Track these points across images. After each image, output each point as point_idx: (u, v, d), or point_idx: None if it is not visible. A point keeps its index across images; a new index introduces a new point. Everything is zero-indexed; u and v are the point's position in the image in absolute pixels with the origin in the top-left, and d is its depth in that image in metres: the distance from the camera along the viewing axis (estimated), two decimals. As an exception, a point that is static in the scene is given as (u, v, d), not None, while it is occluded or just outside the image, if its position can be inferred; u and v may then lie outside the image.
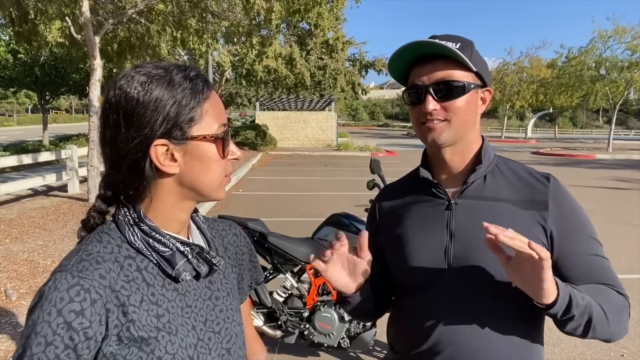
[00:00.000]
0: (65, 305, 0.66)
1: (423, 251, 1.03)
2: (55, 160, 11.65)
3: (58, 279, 0.68)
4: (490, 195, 1.01)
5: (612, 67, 22.78)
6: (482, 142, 1.06)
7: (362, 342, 2.97)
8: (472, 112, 1.00)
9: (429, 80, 0.97)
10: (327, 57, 22.38)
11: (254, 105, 27.93)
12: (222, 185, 0.81)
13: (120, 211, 0.78)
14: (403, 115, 76.52)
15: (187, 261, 0.78)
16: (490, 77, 1.06)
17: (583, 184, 11.62)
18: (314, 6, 8.98)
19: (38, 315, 0.66)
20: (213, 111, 0.77)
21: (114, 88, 0.74)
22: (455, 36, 1.01)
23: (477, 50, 1.02)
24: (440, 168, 1.06)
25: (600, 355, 3.34)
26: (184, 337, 0.77)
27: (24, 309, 3.62)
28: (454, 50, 0.94)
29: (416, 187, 1.10)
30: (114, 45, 10.19)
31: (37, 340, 0.65)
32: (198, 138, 0.75)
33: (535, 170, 1.06)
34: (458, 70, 0.97)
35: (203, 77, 0.79)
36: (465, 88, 0.97)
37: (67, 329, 0.66)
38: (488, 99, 1.04)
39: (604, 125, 63.13)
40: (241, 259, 0.98)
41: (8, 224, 6.31)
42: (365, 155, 18.88)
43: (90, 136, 7.86)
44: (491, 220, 0.96)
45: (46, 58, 19.97)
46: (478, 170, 1.01)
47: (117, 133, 0.73)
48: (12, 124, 46.29)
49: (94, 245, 0.74)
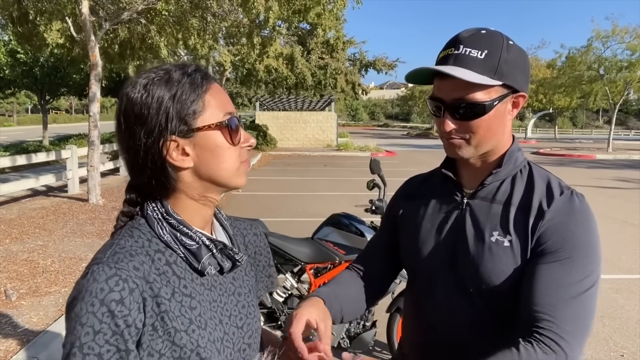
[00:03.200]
0: (106, 296, 0.69)
1: (428, 245, 1.05)
2: (55, 161, 11.66)
3: (96, 271, 0.70)
4: (501, 199, 1.00)
5: (611, 67, 22.78)
6: (510, 146, 1.02)
7: (362, 342, 2.97)
8: (496, 125, 0.95)
9: (447, 97, 0.93)
10: (327, 56, 22.39)
11: (254, 105, 27.93)
12: (239, 172, 0.82)
13: (148, 207, 0.80)
14: (403, 115, 76.53)
15: (212, 255, 0.81)
16: (527, 76, 0.97)
17: (583, 184, 11.62)
18: (315, 6, 8.98)
19: (81, 307, 0.68)
20: (216, 101, 0.79)
21: (121, 96, 0.78)
22: (484, 38, 0.92)
23: (512, 47, 0.93)
24: (464, 167, 1.06)
25: (600, 355, 3.34)
26: (212, 331, 0.80)
27: (24, 309, 3.62)
28: (465, 77, 0.88)
29: (439, 182, 1.11)
30: (114, 46, 10.18)
31: (85, 330, 0.68)
32: (203, 128, 0.77)
33: (558, 182, 0.99)
34: (480, 88, 0.90)
35: (202, 71, 0.81)
36: (486, 108, 0.91)
37: (111, 317, 0.68)
38: (521, 103, 0.97)
39: (604, 126, 63.15)
40: (259, 259, 1.01)
41: (8, 224, 6.31)
42: (365, 156, 18.88)
43: (90, 136, 7.86)
44: (493, 224, 0.98)
45: (46, 58, 19.97)
46: (495, 173, 1.00)
47: (131, 137, 0.77)
48: (12, 124, 46.29)
49: (126, 239, 0.76)
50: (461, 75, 0.88)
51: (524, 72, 0.96)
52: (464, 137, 0.96)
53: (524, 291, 0.91)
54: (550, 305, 0.86)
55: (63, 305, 3.71)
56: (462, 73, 0.89)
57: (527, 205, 0.96)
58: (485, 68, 0.90)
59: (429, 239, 1.06)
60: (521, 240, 0.94)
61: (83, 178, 8.92)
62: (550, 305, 0.86)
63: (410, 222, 1.12)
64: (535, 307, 0.88)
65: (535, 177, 1.01)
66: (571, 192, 0.96)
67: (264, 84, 22.16)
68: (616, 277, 4.92)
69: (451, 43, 0.95)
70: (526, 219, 0.95)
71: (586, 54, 23.37)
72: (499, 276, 0.94)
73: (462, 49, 0.91)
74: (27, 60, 19.83)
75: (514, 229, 0.95)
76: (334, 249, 3.00)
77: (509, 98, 0.95)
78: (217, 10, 9.07)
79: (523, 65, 0.95)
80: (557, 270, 0.89)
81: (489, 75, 0.90)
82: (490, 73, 0.90)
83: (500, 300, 0.97)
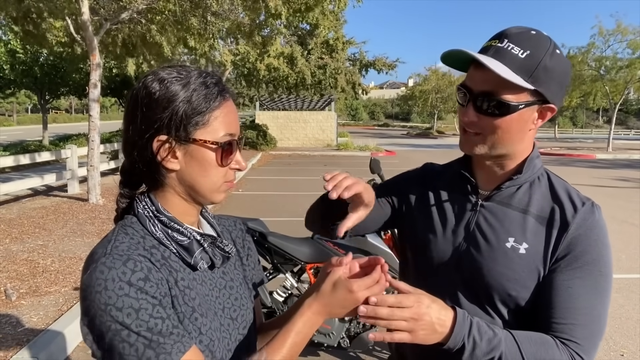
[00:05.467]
0: (131, 277, 0.70)
1: (437, 243, 1.04)
2: (55, 160, 11.66)
3: (107, 261, 0.71)
4: (517, 205, 0.98)
5: (611, 66, 22.76)
6: (530, 152, 0.99)
7: (362, 342, 2.97)
8: (517, 130, 0.92)
9: (476, 87, 0.91)
10: (327, 56, 22.37)
11: (254, 105, 27.92)
12: (220, 190, 0.84)
13: (139, 205, 0.82)
14: (403, 115, 76.52)
15: (203, 250, 0.83)
16: (563, 89, 0.93)
17: (583, 183, 11.62)
18: (315, 5, 8.97)
19: (109, 296, 0.68)
20: (222, 120, 0.80)
21: (140, 81, 0.79)
22: (531, 38, 0.89)
23: (556, 55, 0.89)
24: (480, 168, 1.04)
25: (600, 355, 3.34)
26: (211, 320, 0.82)
27: (24, 309, 3.62)
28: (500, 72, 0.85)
29: (454, 178, 1.08)
30: (116, 45, 10.17)
31: (125, 313, 0.68)
32: (199, 142, 0.78)
33: (577, 192, 0.98)
34: (511, 87, 0.86)
35: (222, 85, 0.82)
36: (510, 108, 0.88)
37: (145, 293, 0.70)
38: (548, 116, 0.94)
39: (604, 125, 63.13)
40: (246, 253, 1.03)
41: (8, 223, 6.31)
42: (365, 155, 18.87)
43: (90, 136, 7.86)
44: (508, 229, 0.96)
45: (45, 58, 19.96)
46: (515, 179, 0.98)
47: (130, 123, 0.79)
48: (12, 124, 46.27)
49: (122, 236, 0.77)
50: (494, 67, 0.85)
51: (561, 84, 0.92)
52: (482, 133, 0.93)
53: (544, 302, 0.92)
54: (570, 323, 0.89)
55: (63, 305, 3.71)
56: (496, 65, 0.85)
57: (550, 215, 0.95)
58: (522, 68, 0.86)
59: (438, 238, 1.04)
60: (540, 250, 0.93)
61: (83, 178, 8.93)
62: (570, 321, 0.89)
63: (422, 213, 1.10)
64: (555, 321, 0.90)
65: (556, 187, 0.99)
66: (592, 204, 0.95)
67: (265, 83, 22.14)
68: (616, 277, 4.91)
69: (497, 35, 0.92)
70: (549, 229, 0.94)
71: (587, 53, 23.34)
72: (512, 283, 0.94)
73: (506, 43, 0.89)
74: (27, 59, 19.81)
75: (532, 237, 0.94)
76: (334, 249, 3.00)
77: (537, 107, 0.91)
78: (218, 10, 9.07)
79: (562, 77, 0.91)
80: (578, 285, 0.90)
81: (524, 77, 0.86)
82: (526, 75, 0.87)
83: (511, 306, 0.96)
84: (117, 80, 23.83)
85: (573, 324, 0.88)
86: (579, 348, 0.88)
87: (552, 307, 0.90)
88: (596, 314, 0.89)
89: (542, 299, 0.92)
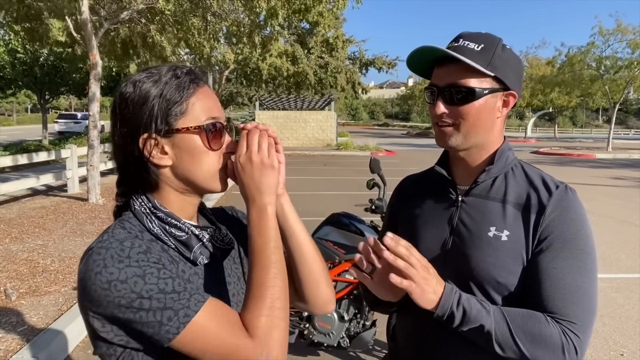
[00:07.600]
0: (130, 250, 0.70)
1: (424, 242, 1.08)
2: (55, 160, 11.66)
3: (102, 245, 0.71)
4: (495, 196, 1.03)
5: (611, 66, 22.74)
6: (501, 144, 1.06)
7: (361, 341, 2.97)
8: (485, 117, 1.00)
9: (441, 82, 0.99)
10: (327, 55, 22.36)
11: (254, 105, 27.91)
12: (217, 177, 0.83)
13: (135, 202, 0.81)
14: (403, 114, 76.50)
15: (202, 245, 0.82)
16: (520, 78, 1.03)
17: (583, 183, 11.62)
18: (315, 5, 8.97)
19: (110, 272, 0.68)
20: (201, 105, 0.81)
21: (117, 91, 0.81)
22: (482, 36, 1.01)
23: (507, 49, 1.00)
24: (456, 165, 1.10)
25: (600, 355, 3.34)
26: None
27: (24, 308, 3.62)
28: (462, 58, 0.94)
29: (433, 181, 1.14)
30: (116, 45, 10.17)
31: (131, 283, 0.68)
32: (182, 130, 0.79)
33: (551, 178, 1.04)
34: (473, 75, 0.96)
35: (192, 73, 0.83)
36: (475, 94, 0.97)
37: (146, 260, 0.70)
38: (512, 102, 1.02)
39: (603, 125, 63.15)
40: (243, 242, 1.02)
41: (8, 223, 6.31)
42: (365, 155, 18.87)
43: (90, 136, 7.86)
44: (489, 219, 1.02)
45: (45, 58, 19.95)
46: (488, 171, 1.04)
47: (114, 128, 0.80)
48: (12, 124, 46.30)
49: (119, 230, 0.77)
50: (458, 56, 0.94)
51: (516, 72, 1.02)
52: (454, 123, 1.00)
53: (533, 286, 0.96)
54: (560, 301, 0.92)
55: (63, 304, 3.71)
56: (459, 56, 0.95)
57: (526, 201, 1.01)
58: (480, 58, 0.96)
59: (425, 237, 1.09)
60: (520, 236, 0.98)
61: (83, 177, 8.93)
62: (559, 300, 0.92)
63: (408, 223, 1.15)
64: (545, 302, 0.93)
65: (530, 175, 1.05)
66: (565, 186, 1.01)
67: (265, 83, 22.13)
68: (616, 277, 4.92)
69: (453, 39, 1.03)
70: (527, 214, 0.99)
71: (586, 53, 23.32)
72: (498, 269, 0.98)
73: (462, 41, 0.99)
74: (27, 59, 19.80)
75: (512, 224, 0.99)
76: (333, 248, 3.00)
77: (500, 94, 1.00)
78: (218, 10, 9.06)
79: (516, 66, 1.02)
80: (562, 265, 0.94)
81: (483, 65, 0.96)
82: (484, 63, 0.96)
83: (502, 294, 0.99)
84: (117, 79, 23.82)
85: (563, 302, 0.92)
86: (573, 327, 0.91)
87: (541, 289, 0.94)
88: (584, 291, 0.93)
89: (530, 283, 0.96)
